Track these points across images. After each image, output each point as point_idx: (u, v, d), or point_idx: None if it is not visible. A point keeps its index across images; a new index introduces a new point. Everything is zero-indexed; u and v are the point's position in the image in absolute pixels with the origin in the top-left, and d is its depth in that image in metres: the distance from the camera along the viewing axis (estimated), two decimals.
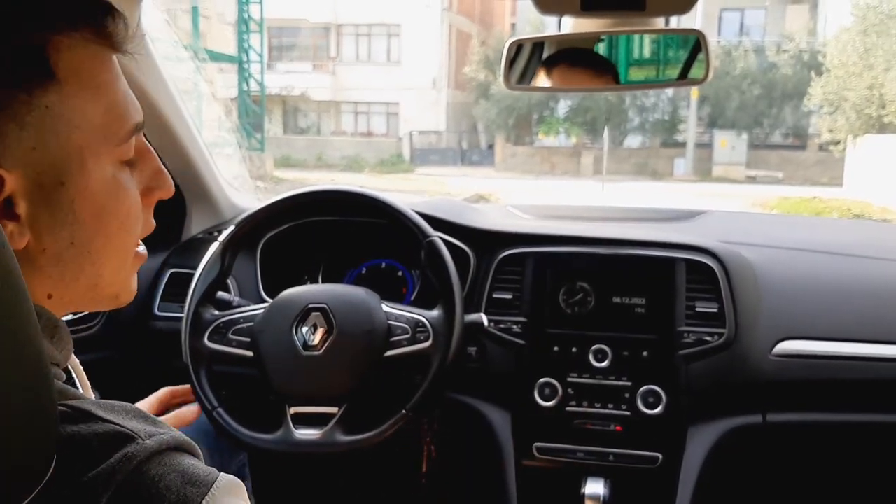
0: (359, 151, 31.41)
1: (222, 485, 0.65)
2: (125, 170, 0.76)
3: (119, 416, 0.66)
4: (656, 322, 1.77)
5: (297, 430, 1.59)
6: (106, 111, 0.72)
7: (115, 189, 0.74)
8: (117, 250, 0.77)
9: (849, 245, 2.03)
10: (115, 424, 0.64)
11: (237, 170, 4.11)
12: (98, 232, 0.73)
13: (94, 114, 0.71)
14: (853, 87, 21.54)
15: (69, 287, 0.74)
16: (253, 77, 23.17)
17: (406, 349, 1.60)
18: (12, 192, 0.66)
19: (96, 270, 0.75)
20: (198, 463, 0.67)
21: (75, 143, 0.70)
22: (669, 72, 1.59)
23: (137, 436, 0.64)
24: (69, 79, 0.69)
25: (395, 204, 1.71)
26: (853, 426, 1.77)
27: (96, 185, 0.72)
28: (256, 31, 22.87)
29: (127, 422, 0.65)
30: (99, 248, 0.74)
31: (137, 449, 0.62)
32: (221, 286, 1.75)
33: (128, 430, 0.64)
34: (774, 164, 28.30)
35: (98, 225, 0.73)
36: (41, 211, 0.69)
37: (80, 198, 0.71)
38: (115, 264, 0.77)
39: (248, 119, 22.45)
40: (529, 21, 25.33)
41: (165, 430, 0.67)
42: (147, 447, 0.63)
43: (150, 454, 0.63)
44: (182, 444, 0.68)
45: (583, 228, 1.95)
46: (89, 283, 0.76)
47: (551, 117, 31.28)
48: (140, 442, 0.63)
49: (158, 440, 0.64)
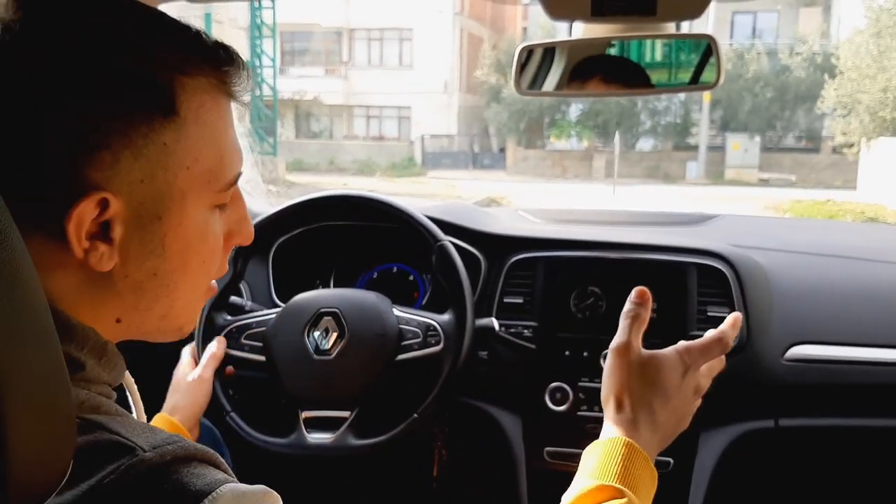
0: (370, 155, 31.48)
1: (222, 494, 0.63)
2: (216, 213, 0.78)
3: (130, 429, 0.66)
4: (668, 326, 1.76)
5: (309, 434, 1.60)
6: (215, 157, 0.75)
7: (204, 230, 0.76)
8: (193, 287, 0.79)
9: (862, 248, 2.03)
10: (118, 436, 0.64)
11: (249, 174, 4.13)
12: (180, 267, 0.75)
13: (206, 158, 0.73)
14: (867, 89, 21.45)
15: (141, 315, 0.76)
16: (265, 81, 23.26)
17: (417, 353, 1.61)
18: (112, 217, 0.68)
19: (170, 303, 0.77)
20: (207, 472, 0.66)
21: (181, 183, 0.72)
22: (681, 76, 1.59)
23: (139, 448, 0.63)
24: (189, 119, 0.71)
25: (406, 208, 1.72)
26: (866, 431, 1.77)
27: (189, 224, 0.74)
28: (269, 35, 22.97)
29: (134, 435, 0.65)
30: (177, 282, 0.76)
31: (134, 461, 0.62)
32: (234, 291, 1.76)
33: (129, 442, 0.64)
34: (787, 167, 28.23)
35: (181, 261, 0.75)
36: (134, 239, 0.70)
37: (172, 233, 0.73)
38: (188, 299, 0.79)
39: (261, 123, 22.52)
40: (541, 25, 25.29)
41: (175, 441, 0.66)
42: (146, 459, 0.62)
43: (151, 466, 0.62)
44: (194, 453, 0.67)
45: (594, 232, 1.95)
46: (161, 314, 0.77)
47: (563, 121, 31.27)
48: (139, 454, 0.62)
49: (161, 452, 0.64)
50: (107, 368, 0.75)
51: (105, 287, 0.71)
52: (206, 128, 0.73)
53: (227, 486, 0.64)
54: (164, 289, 0.75)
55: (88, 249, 0.67)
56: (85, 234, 0.66)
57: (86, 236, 0.67)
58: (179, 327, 0.82)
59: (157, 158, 0.69)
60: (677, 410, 1.06)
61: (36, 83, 0.64)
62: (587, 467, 1.00)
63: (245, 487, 0.66)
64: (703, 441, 1.73)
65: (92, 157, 0.65)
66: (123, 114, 0.67)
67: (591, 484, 0.95)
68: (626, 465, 0.97)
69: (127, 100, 0.67)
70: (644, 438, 1.01)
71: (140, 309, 0.75)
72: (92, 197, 0.65)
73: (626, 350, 1.07)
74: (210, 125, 0.73)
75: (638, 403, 1.03)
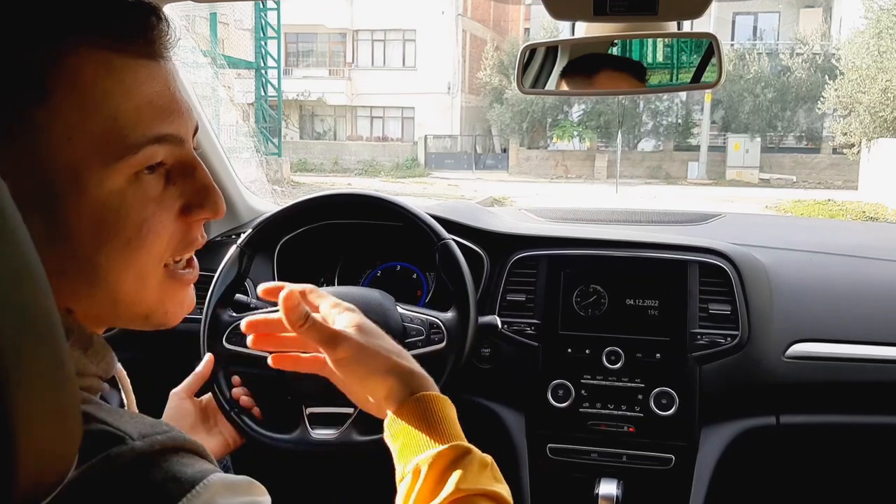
0: (374, 156, 31.51)
1: (212, 483, 0.63)
2: (147, 184, 0.73)
3: (118, 418, 0.65)
4: (669, 324, 1.77)
5: (313, 430, 1.60)
6: (105, 121, 0.68)
7: (118, 204, 0.70)
8: (132, 268, 0.73)
9: (862, 247, 2.03)
10: (106, 425, 0.63)
11: (255, 174, 4.14)
12: (101, 247, 0.70)
13: (92, 125, 0.68)
14: (867, 89, 21.42)
15: (88, 302, 0.73)
16: (270, 82, 23.24)
17: (421, 350, 1.61)
18: None
19: (111, 287, 0.72)
20: (196, 462, 0.66)
21: (68, 156, 0.67)
22: (682, 76, 1.60)
23: (127, 436, 0.63)
24: (60, 90, 0.67)
25: (410, 207, 1.73)
26: (867, 428, 1.77)
27: (94, 199, 0.69)
28: (274, 37, 22.94)
29: (122, 423, 0.64)
30: (105, 264, 0.71)
31: (123, 450, 0.61)
32: (239, 288, 1.77)
33: (118, 430, 0.63)
34: (788, 167, 28.21)
35: (98, 240, 0.70)
36: (35, 222, 0.64)
37: (74, 212, 0.68)
38: (133, 283, 0.74)
39: (266, 124, 22.52)
40: (543, 26, 25.32)
41: (165, 430, 0.66)
42: (135, 448, 0.62)
43: (140, 454, 0.62)
44: (182, 443, 0.66)
45: (596, 231, 1.96)
46: (108, 299, 0.73)
47: (565, 121, 31.25)
48: (129, 442, 0.62)
49: (151, 441, 0.63)
50: (94, 360, 0.74)
51: None
52: (86, 95, 0.67)
53: (216, 475, 0.64)
54: (94, 273, 0.71)
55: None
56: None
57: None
58: (144, 315, 0.77)
59: (32, 137, 0.66)
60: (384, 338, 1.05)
61: None
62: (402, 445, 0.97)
63: (233, 477, 0.66)
64: (704, 438, 1.73)
65: None
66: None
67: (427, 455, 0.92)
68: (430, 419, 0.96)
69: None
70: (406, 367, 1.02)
71: (81, 295, 0.72)
72: None
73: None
74: (94, 90, 0.68)
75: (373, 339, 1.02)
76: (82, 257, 0.70)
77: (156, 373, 1.53)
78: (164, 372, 1.60)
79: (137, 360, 1.88)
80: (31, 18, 0.66)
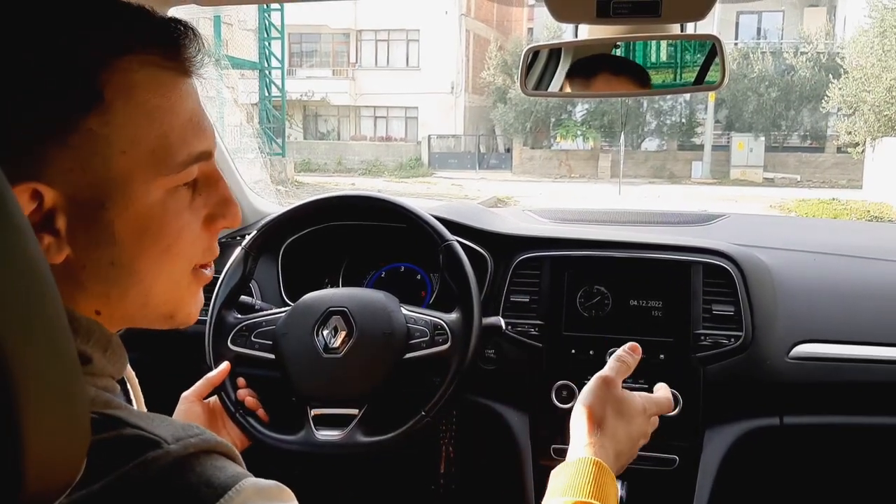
0: (378, 156, 31.52)
1: (244, 488, 0.64)
2: (182, 195, 0.76)
3: (150, 422, 0.66)
4: (673, 325, 1.77)
5: (318, 432, 1.61)
6: (159, 137, 0.71)
7: (161, 214, 0.73)
8: (165, 273, 0.76)
9: (866, 247, 2.03)
10: (140, 430, 0.65)
11: (259, 174, 4.15)
12: (140, 254, 0.73)
13: (145, 139, 0.71)
14: (871, 88, 21.39)
15: (118, 305, 0.75)
16: (274, 83, 23.24)
17: (425, 351, 1.62)
18: (52, 208, 0.67)
19: (144, 290, 0.75)
20: (228, 465, 0.67)
21: (120, 167, 0.69)
22: (686, 76, 1.60)
23: (163, 440, 0.64)
24: (117, 102, 0.68)
25: (414, 208, 1.73)
26: (871, 429, 1.77)
27: (139, 210, 0.71)
28: (277, 37, 22.93)
29: (156, 427, 0.66)
30: (143, 269, 0.74)
31: (159, 454, 0.63)
32: (244, 290, 1.78)
33: (153, 435, 0.64)
34: (792, 166, 28.18)
35: (139, 248, 0.73)
36: (80, 229, 0.69)
37: (120, 220, 0.71)
38: (165, 285, 0.77)
39: (270, 124, 22.53)
40: (546, 26, 25.27)
41: (197, 433, 0.67)
42: (171, 451, 0.63)
43: (175, 458, 0.63)
44: (215, 446, 0.68)
45: (600, 232, 1.96)
46: (140, 303, 0.76)
47: (569, 121, 31.23)
48: (164, 446, 0.63)
49: (185, 444, 0.65)
50: (111, 361, 0.75)
51: (69, 280, 0.70)
52: (140, 109, 0.70)
53: (248, 479, 0.66)
54: (131, 277, 0.74)
55: None
56: None
57: None
58: (170, 315, 0.80)
59: (85, 145, 0.67)
60: (633, 447, 1.19)
61: None
62: (559, 485, 1.06)
63: (264, 482, 0.68)
64: (708, 438, 1.73)
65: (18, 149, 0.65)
66: (43, 104, 0.65)
67: (567, 500, 1.00)
68: (597, 481, 1.04)
69: (45, 90, 0.65)
70: (609, 461, 1.10)
71: (113, 298, 0.74)
72: (21, 188, 0.64)
73: (611, 383, 1.20)
74: (147, 105, 0.71)
75: (609, 431, 1.14)
76: (122, 263, 0.73)
77: (161, 373, 1.53)
78: (169, 373, 1.61)
79: (143, 360, 1.90)
80: (90, 30, 0.68)
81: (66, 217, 0.68)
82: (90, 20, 0.69)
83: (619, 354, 1.25)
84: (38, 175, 0.66)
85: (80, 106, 0.67)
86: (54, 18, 0.67)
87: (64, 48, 0.66)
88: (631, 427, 1.17)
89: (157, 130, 0.72)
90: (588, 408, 1.16)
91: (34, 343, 0.51)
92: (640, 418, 1.20)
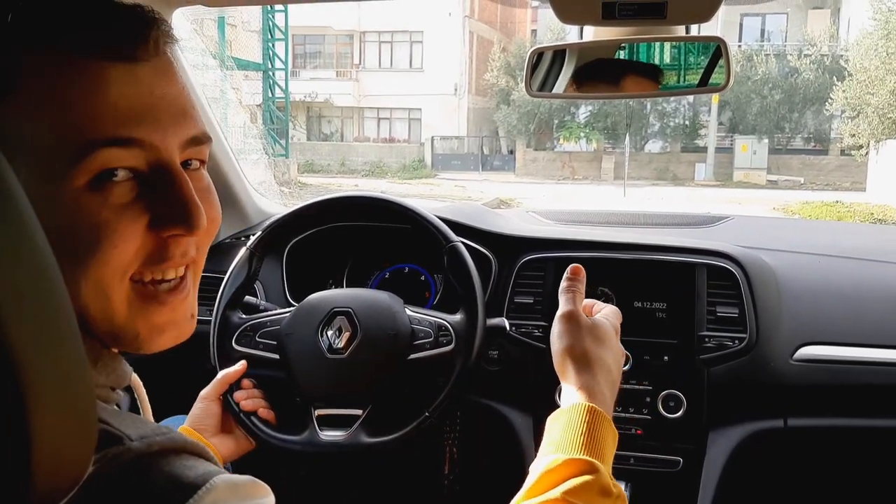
0: (381, 157, 31.56)
1: (216, 485, 0.61)
2: (109, 190, 0.68)
3: (119, 420, 0.64)
4: (677, 327, 1.77)
5: (322, 432, 1.61)
6: (64, 125, 0.66)
7: (74, 208, 0.66)
8: (86, 277, 0.68)
9: (870, 250, 2.03)
10: (106, 425, 0.63)
11: (263, 175, 4.15)
12: (60, 254, 0.61)
13: (51, 127, 0.66)
14: (875, 91, 21.40)
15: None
16: (278, 84, 23.26)
17: (429, 352, 1.62)
18: None
19: (77, 299, 0.67)
20: (199, 464, 0.64)
21: (29, 159, 0.65)
22: (690, 79, 1.60)
23: (125, 437, 0.62)
24: (25, 91, 0.65)
25: (418, 209, 1.73)
26: (875, 431, 1.77)
27: (53, 203, 0.65)
28: (281, 38, 22.94)
29: (123, 425, 0.64)
30: (66, 272, 0.61)
31: (120, 450, 0.61)
32: (249, 290, 1.78)
33: (117, 431, 0.62)
34: (796, 168, 28.17)
35: (57, 246, 0.61)
36: None
37: (42, 216, 0.62)
38: (93, 294, 0.69)
39: (273, 125, 22.55)
40: (550, 28, 25.26)
41: (164, 433, 0.65)
42: (132, 448, 0.61)
43: (136, 455, 0.61)
44: (183, 445, 0.65)
45: (604, 233, 1.96)
46: (80, 314, 0.65)
47: (572, 123, 31.26)
48: (126, 443, 0.62)
49: (148, 442, 0.63)
50: (103, 373, 0.74)
51: None
52: (46, 95, 0.65)
53: (220, 476, 0.63)
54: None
55: None
56: None
57: None
58: (113, 334, 0.72)
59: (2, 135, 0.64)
60: (620, 369, 1.16)
61: None
62: (553, 437, 1.02)
63: (237, 478, 0.65)
64: (712, 440, 1.73)
65: None
66: None
67: (559, 458, 0.97)
68: (591, 432, 1.01)
69: None
70: (604, 397, 1.08)
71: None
72: None
73: (574, 315, 1.15)
74: (53, 90, 0.66)
75: (597, 363, 1.10)
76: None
77: (166, 374, 1.53)
78: (173, 373, 1.61)
79: (147, 361, 1.90)
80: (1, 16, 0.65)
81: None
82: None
83: (566, 285, 1.19)
84: None
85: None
86: None
87: None
88: (613, 351, 1.15)
89: (62, 116, 0.66)
90: (567, 348, 1.12)
91: (42, 337, 0.51)
92: (615, 338, 1.18)
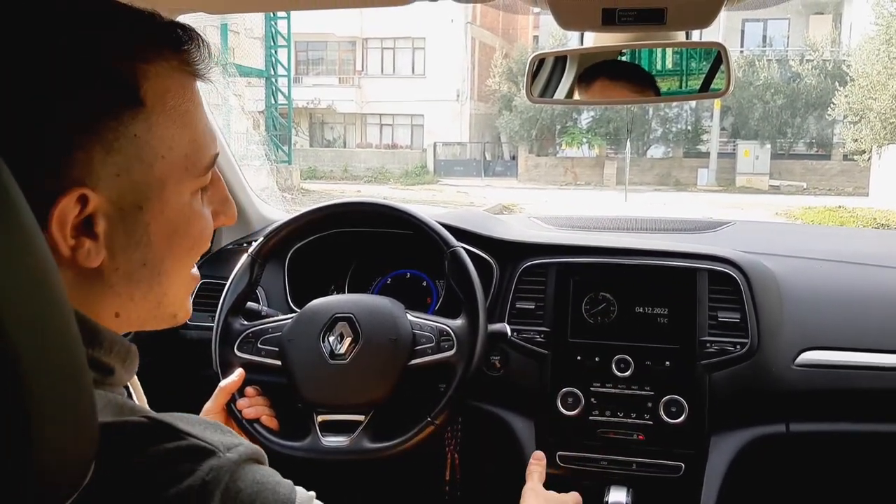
0: (384, 163, 31.56)
1: (301, 501, 0.69)
2: (200, 196, 0.79)
3: (198, 428, 0.68)
4: (679, 332, 1.77)
5: (324, 438, 1.62)
6: (190, 142, 0.75)
7: (189, 215, 0.76)
8: (185, 270, 0.80)
9: (872, 255, 2.03)
10: (195, 439, 0.67)
11: (265, 182, 4.16)
12: (168, 254, 0.75)
13: (180, 144, 0.73)
14: (878, 96, 21.36)
15: (137, 306, 0.76)
16: (280, 91, 23.29)
17: (431, 358, 1.62)
18: (94, 212, 0.68)
19: (163, 290, 0.77)
20: (273, 473, 0.71)
21: (158, 172, 0.72)
22: (691, 84, 1.60)
23: (217, 449, 0.66)
24: (157, 107, 0.71)
25: (420, 215, 1.73)
26: (877, 436, 1.77)
27: (172, 211, 0.74)
28: (284, 45, 22.98)
29: (206, 435, 0.68)
30: (168, 270, 0.76)
31: (221, 462, 0.65)
32: (250, 296, 1.78)
33: (208, 443, 0.66)
34: (798, 173, 28.12)
35: (169, 247, 0.75)
36: (118, 232, 0.70)
37: (155, 222, 0.73)
38: (179, 285, 0.80)
39: (276, 132, 22.58)
40: (552, 34, 25.24)
41: (239, 440, 0.70)
42: (229, 460, 0.66)
43: (233, 468, 0.66)
44: (255, 454, 0.71)
45: (605, 239, 1.96)
46: (155, 302, 0.77)
47: (574, 128, 31.23)
48: (220, 455, 0.66)
49: (238, 452, 0.67)
50: (129, 371, 0.77)
51: (99, 282, 0.71)
52: (174, 113, 0.73)
53: (300, 490, 0.72)
54: (157, 277, 0.75)
55: (74, 247, 0.67)
56: (69, 232, 0.67)
57: (70, 234, 0.67)
58: (173, 314, 0.82)
59: (129, 151, 0.69)
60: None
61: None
62: None
63: (306, 493, 0.73)
64: (714, 445, 1.73)
65: (65, 156, 0.65)
66: (89, 111, 0.66)
67: None
68: None
69: (91, 96, 0.66)
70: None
71: (136, 300, 0.75)
72: (70, 194, 0.65)
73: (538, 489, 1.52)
74: (179, 110, 0.73)
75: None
76: (152, 264, 0.75)
77: (166, 380, 1.54)
78: (174, 379, 1.61)
79: (151, 366, 1.90)
80: (118, 34, 0.70)
81: (107, 221, 0.69)
82: (120, 25, 0.70)
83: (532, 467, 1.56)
84: (84, 180, 0.67)
85: (126, 110, 0.69)
86: (90, 26, 0.68)
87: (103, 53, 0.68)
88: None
89: (189, 135, 0.74)
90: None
91: (43, 340, 0.52)
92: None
